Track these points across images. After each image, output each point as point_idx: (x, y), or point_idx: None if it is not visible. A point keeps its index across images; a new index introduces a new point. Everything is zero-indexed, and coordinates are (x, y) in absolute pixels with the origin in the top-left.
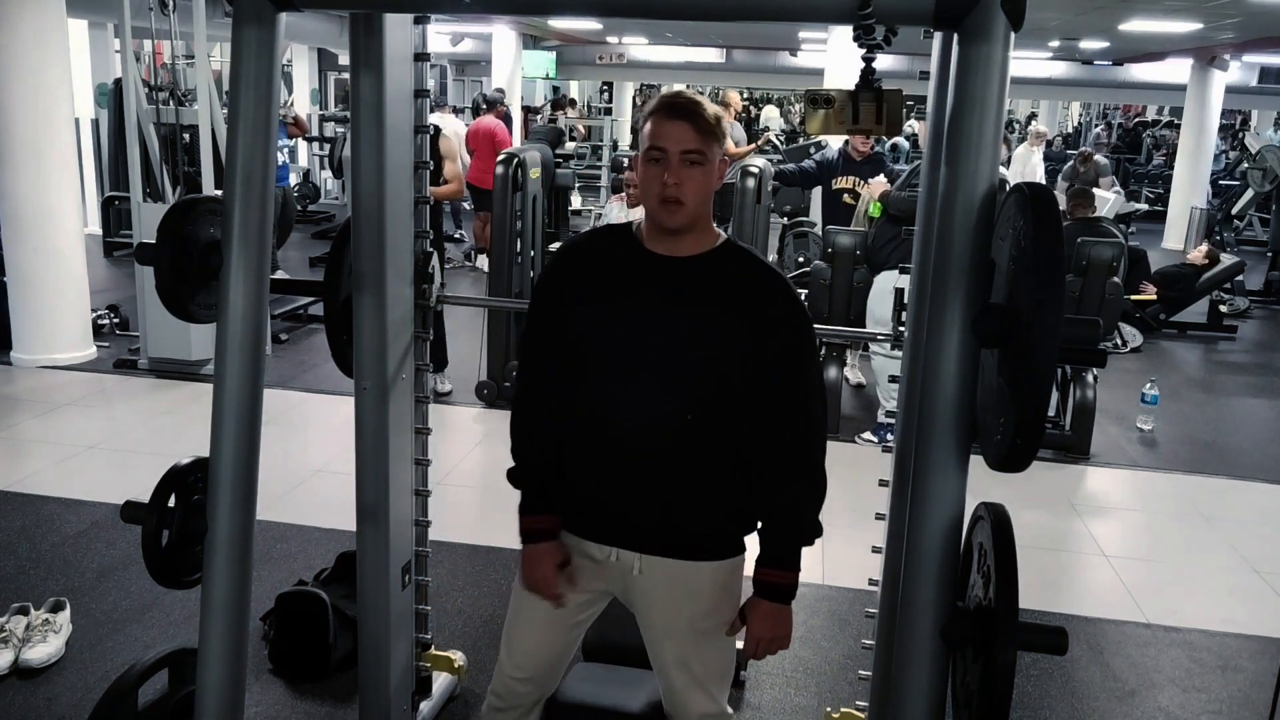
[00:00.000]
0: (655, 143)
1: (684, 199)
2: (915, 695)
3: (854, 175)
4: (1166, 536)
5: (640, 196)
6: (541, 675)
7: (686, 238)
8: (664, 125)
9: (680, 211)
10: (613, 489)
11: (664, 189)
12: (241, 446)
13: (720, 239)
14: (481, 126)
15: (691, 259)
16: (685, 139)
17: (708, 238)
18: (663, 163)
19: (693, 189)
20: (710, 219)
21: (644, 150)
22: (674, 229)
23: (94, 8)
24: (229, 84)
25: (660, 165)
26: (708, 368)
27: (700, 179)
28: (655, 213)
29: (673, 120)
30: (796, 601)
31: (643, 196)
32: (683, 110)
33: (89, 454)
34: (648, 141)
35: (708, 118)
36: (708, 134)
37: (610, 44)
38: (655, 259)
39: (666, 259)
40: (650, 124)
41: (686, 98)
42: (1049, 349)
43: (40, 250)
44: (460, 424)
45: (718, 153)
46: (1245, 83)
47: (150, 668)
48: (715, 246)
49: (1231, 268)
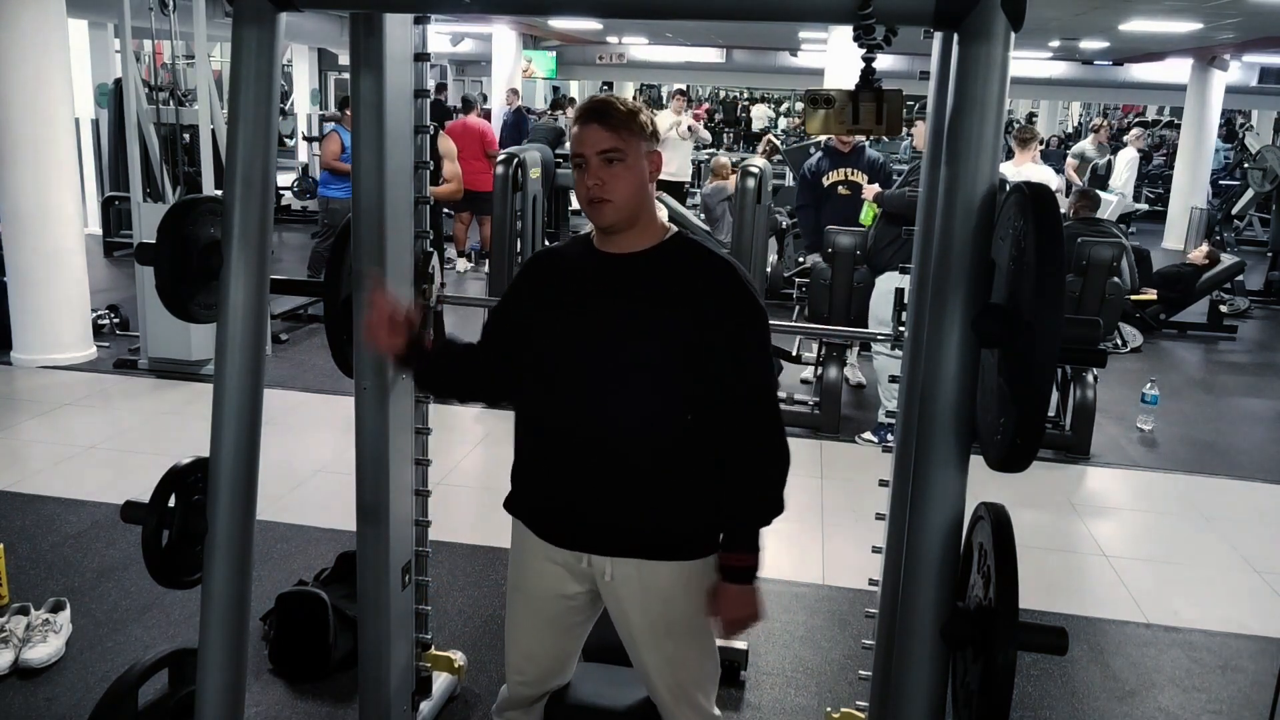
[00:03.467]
0: (576, 149)
1: (609, 196)
2: (915, 695)
3: (843, 167)
4: (1166, 536)
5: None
6: (542, 676)
7: (628, 234)
8: (581, 131)
9: (608, 208)
10: (583, 494)
11: (588, 191)
12: (241, 446)
13: (668, 232)
14: (469, 127)
15: (638, 255)
16: (599, 140)
17: (651, 232)
18: (584, 167)
19: (616, 186)
20: (652, 213)
21: (570, 159)
22: (606, 226)
23: (94, 8)
24: (229, 84)
25: (582, 170)
26: (668, 362)
27: (623, 174)
28: (587, 214)
29: (586, 124)
30: (797, 601)
31: (578, 202)
32: (594, 112)
33: (89, 454)
34: (571, 150)
35: (620, 114)
36: (622, 129)
37: (610, 44)
38: (604, 258)
39: (615, 257)
40: (574, 132)
41: (598, 99)
42: (1049, 349)
43: (40, 250)
44: (460, 424)
45: (641, 147)
46: (1245, 83)
47: (150, 668)
48: (663, 240)
49: (1231, 268)
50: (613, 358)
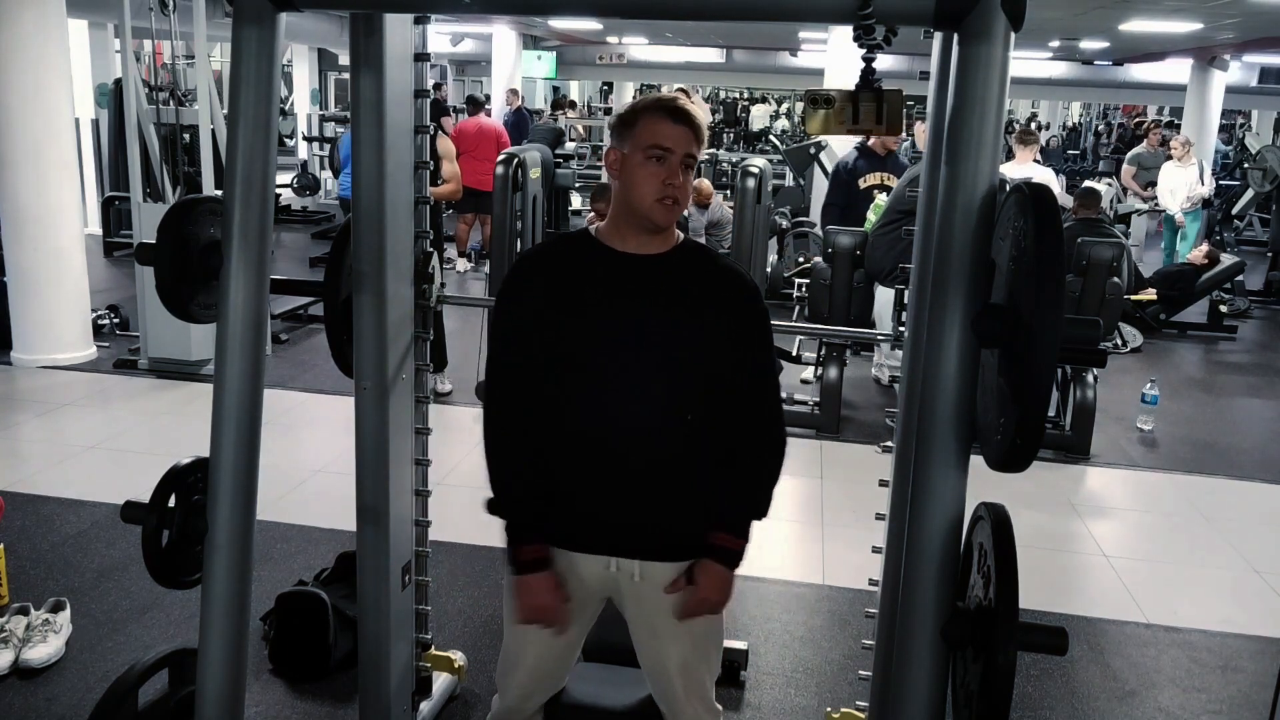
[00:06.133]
0: (659, 142)
1: (680, 199)
2: (915, 695)
3: (881, 171)
4: (1166, 536)
5: (625, 193)
6: (547, 686)
7: (658, 237)
8: (668, 127)
9: (675, 211)
10: (612, 498)
11: (666, 188)
12: (241, 446)
13: (680, 237)
14: (484, 128)
15: (658, 257)
16: (688, 143)
17: (671, 237)
18: (666, 162)
19: (685, 192)
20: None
21: (643, 148)
22: (665, 227)
23: (94, 8)
24: (229, 84)
25: (663, 165)
26: (693, 364)
27: (690, 183)
28: (651, 210)
29: (676, 124)
30: (797, 601)
31: (636, 194)
32: (685, 115)
33: (89, 454)
34: (649, 140)
35: (702, 126)
36: (702, 142)
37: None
38: (623, 258)
39: (635, 257)
40: (649, 123)
41: (685, 104)
42: (1049, 349)
43: (40, 250)
44: (460, 424)
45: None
46: (1245, 83)
47: (150, 668)
48: (677, 244)
49: (1231, 268)
50: (641, 357)
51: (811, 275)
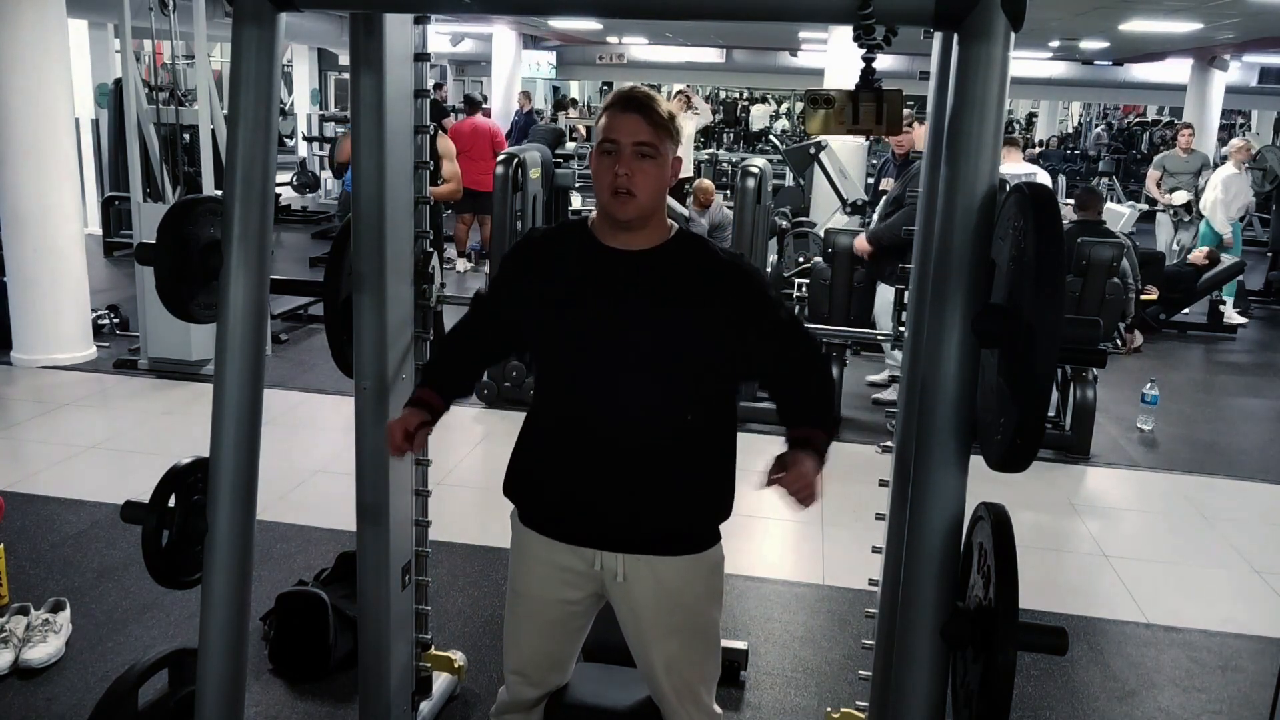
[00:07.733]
0: (608, 135)
1: (635, 190)
2: (915, 695)
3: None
4: (1166, 536)
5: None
6: (543, 678)
7: (640, 232)
8: (617, 118)
9: (631, 203)
10: (596, 490)
11: (615, 179)
12: (241, 446)
13: (673, 229)
14: (479, 128)
15: (645, 252)
16: (638, 131)
17: (660, 230)
18: (614, 154)
19: (644, 181)
20: (664, 215)
21: (597, 143)
22: (625, 221)
23: (94, 8)
24: (229, 84)
25: (612, 157)
26: (681, 355)
27: (652, 172)
28: (607, 204)
29: (625, 113)
30: (797, 601)
31: (596, 189)
32: (636, 103)
33: (89, 454)
34: (601, 134)
35: (661, 112)
36: (660, 128)
37: (610, 44)
38: (610, 253)
39: (621, 253)
40: (605, 117)
41: (641, 91)
42: (1049, 349)
43: (40, 250)
44: (460, 424)
45: (670, 149)
46: (1245, 83)
47: (150, 668)
48: (670, 238)
49: (1231, 268)
50: (623, 353)
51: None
